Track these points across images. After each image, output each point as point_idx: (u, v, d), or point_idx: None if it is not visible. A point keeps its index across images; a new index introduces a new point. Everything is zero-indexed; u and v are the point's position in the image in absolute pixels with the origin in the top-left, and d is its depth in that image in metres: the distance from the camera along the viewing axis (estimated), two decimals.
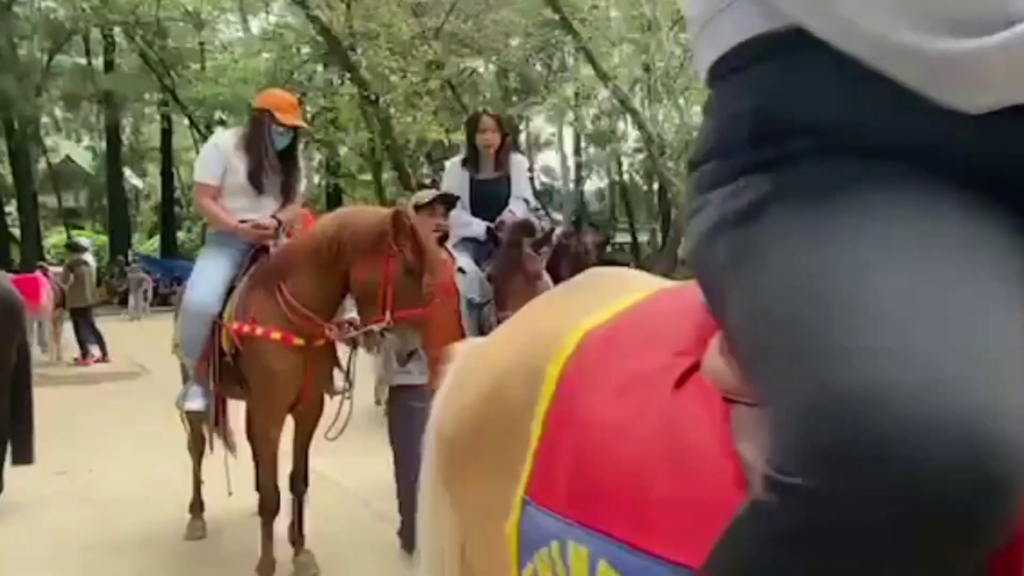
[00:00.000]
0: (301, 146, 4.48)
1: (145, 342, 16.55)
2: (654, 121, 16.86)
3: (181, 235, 37.41)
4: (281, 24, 25.11)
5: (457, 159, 5.20)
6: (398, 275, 3.46)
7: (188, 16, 26.91)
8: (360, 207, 3.94)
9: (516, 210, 4.86)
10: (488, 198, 4.88)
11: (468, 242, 4.74)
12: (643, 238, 34.08)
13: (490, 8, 16.51)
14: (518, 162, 5.16)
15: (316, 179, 31.23)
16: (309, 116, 28.81)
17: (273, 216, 4.11)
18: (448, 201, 4.22)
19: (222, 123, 30.91)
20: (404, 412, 3.72)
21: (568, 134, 29.26)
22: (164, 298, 28.78)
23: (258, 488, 4.00)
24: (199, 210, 4.27)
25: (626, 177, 35.74)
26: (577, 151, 29.63)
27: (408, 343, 3.46)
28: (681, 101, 18.59)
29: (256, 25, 29.48)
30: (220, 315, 3.84)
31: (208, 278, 3.99)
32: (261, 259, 3.94)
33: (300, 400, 3.82)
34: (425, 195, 4.33)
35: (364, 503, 4.94)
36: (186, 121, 31.59)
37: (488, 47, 18.21)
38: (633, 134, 26.63)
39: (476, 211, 4.83)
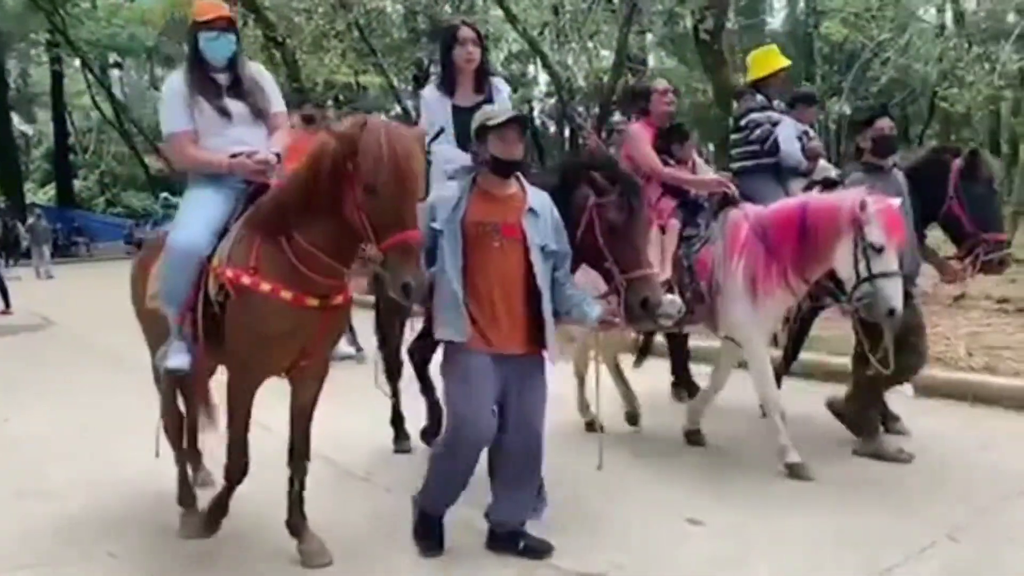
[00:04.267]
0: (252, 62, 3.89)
1: (46, 294, 16.10)
2: (563, 65, 16.93)
3: (77, 184, 35.86)
4: None
5: (432, 84, 4.38)
6: (362, 198, 2.92)
7: None
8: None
9: None
10: (469, 128, 3.87)
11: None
12: None
13: None
14: (500, 85, 4.34)
15: None
16: None
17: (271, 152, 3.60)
18: (524, 124, 3.39)
19: (117, 66, 29.63)
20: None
21: None
22: (64, 250, 27.83)
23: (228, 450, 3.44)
24: (183, 163, 3.67)
25: (537, 122, 35.73)
26: None
27: (398, 276, 2.88)
28: (591, 45, 18.69)
29: None
30: (209, 259, 3.36)
31: (198, 216, 3.48)
32: (260, 200, 3.39)
33: (298, 363, 3.38)
34: (496, 114, 3.42)
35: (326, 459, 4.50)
36: (76, 63, 30.10)
37: None
38: (544, 78, 26.69)
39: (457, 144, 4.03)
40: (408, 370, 4.84)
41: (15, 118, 37.55)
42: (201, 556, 3.53)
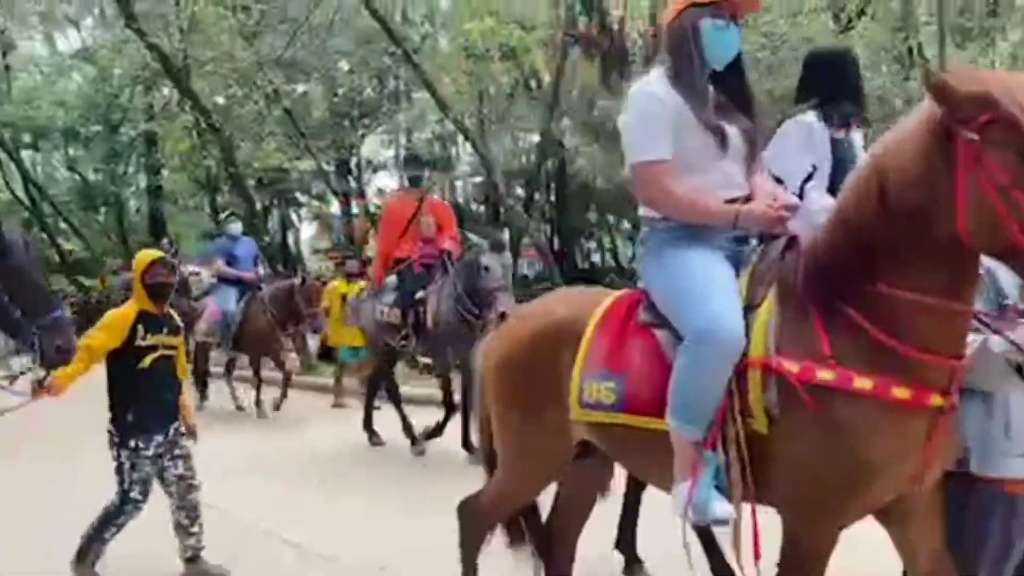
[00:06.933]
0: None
1: None
2: (487, 147, 17.64)
3: None
4: (96, 44, 24.02)
5: (810, 112, 3.38)
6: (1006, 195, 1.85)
7: None
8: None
9: None
10: (842, 165, 3.15)
11: None
12: None
13: (332, 35, 16.80)
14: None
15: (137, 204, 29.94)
16: (128, 138, 27.52)
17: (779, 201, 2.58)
18: None
19: (32, 147, 29.10)
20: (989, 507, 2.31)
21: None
22: None
23: None
24: (657, 204, 2.63)
25: (460, 199, 36.52)
26: None
27: None
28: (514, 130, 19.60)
29: (65, 44, 27.87)
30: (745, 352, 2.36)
31: (722, 291, 2.45)
32: (787, 260, 2.42)
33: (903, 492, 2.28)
34: None
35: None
36: None
37: (323, 73, 18.43)
38: (465, 158, 27.41)
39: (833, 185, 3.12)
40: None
41: None
42: None
